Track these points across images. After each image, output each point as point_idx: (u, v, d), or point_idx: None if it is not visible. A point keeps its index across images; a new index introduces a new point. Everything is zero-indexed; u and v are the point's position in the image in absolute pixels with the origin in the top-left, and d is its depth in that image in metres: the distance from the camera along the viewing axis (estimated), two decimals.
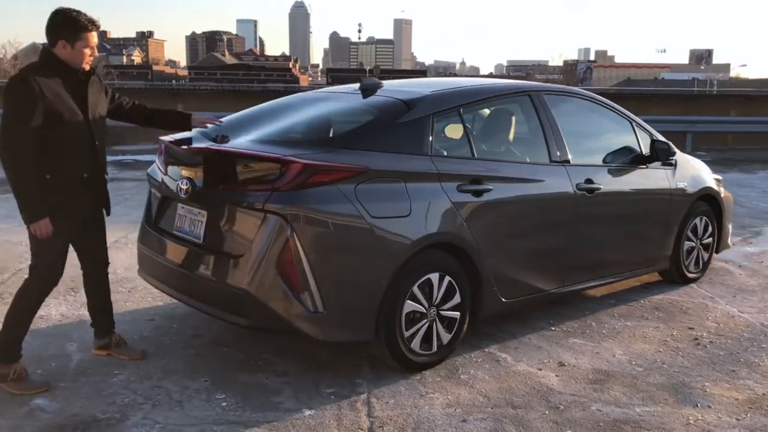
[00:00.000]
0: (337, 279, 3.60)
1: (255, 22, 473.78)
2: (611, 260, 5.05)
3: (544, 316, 4.86)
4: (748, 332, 4.72)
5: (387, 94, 4.30)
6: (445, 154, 4.09)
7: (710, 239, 5.87)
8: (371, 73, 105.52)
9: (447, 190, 3.93)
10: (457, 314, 4.06)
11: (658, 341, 4.53)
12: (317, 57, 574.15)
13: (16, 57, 57.41)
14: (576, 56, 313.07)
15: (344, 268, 3.63)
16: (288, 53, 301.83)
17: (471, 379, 3.91)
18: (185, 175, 3.95)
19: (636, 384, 3.90)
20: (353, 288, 3.66)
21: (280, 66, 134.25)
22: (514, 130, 4.78)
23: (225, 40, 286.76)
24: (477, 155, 4.22)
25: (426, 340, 3.94)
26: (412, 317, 3.86)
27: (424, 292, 3.88)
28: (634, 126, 5.33)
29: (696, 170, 5.80)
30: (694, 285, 5.73)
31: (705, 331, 4.72)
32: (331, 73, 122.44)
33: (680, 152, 5.65)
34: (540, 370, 4.05)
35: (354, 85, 4.70)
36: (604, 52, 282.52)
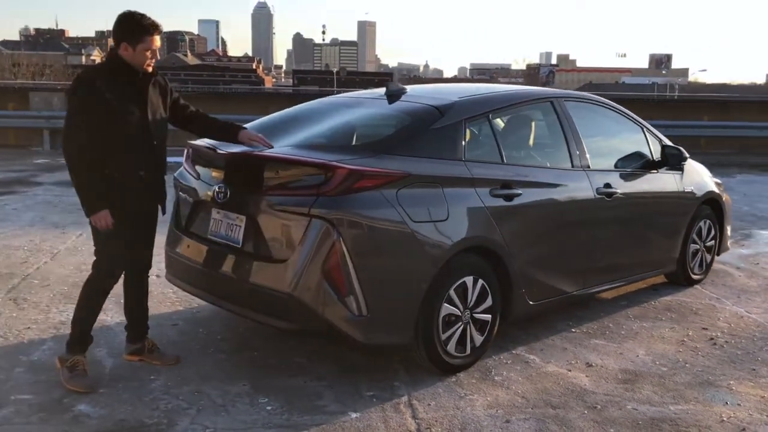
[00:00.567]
0: (380, 283, 3.64)
1: (217, 22, 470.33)
2: (626, 263, 5.17)
3: (563, 318, 4.96)
4: (759, 332, 4.88)
5: (417, 100, 4.35)
6: (477, 160, 4.16)
7: (713, 242, 6.04)
8: (338, 74, 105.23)
9: (480, 194, 4.00)
10: (489, 317, 4.12)
11: (677, 341, 4.66)
12: (281, 58, 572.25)
13: None
14: (538, 60, 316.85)
15: (387, 272, 3.68)
16: (251, 54, 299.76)
17: (505, 381, 3.97)
18: (221, 180, 3.95)
19: (664, 383, 4.01)
20: (396, 291, 3.70)
21: (244, 67, 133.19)
22: (538, 136, 4.88)
23: (187, 40, 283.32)
24: (506, 161, 4.30)
25: (460, 342, 4.01)
26: (448, 320, 3.91)
27: (460, 295, 3.94)
28: (645, 131, 5.47)
29: (700, 174, 5.97)
30: (698, 286, 5.88)
31: (719, 332, 4.86)
32: (297, 75, 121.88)
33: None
34: (569, 371, 4.14)
35: (378, 90, 4.75)
36: (566, 56, 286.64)
